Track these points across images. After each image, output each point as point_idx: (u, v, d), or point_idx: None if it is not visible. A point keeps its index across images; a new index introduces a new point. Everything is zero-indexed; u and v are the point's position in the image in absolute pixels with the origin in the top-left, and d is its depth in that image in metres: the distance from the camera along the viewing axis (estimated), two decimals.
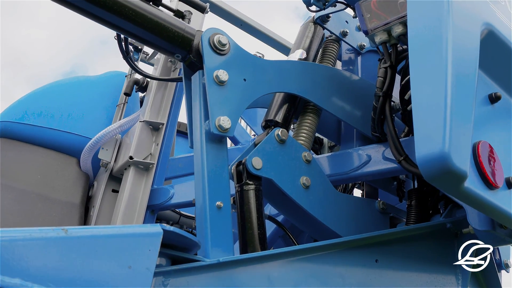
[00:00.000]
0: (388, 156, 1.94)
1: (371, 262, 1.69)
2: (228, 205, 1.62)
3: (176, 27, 1.78)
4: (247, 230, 1.64)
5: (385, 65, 1.86)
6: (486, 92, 1.56)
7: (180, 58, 1.84)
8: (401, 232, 1.84)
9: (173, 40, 1.77)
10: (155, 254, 1.19)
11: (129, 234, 1.21)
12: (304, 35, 2.26)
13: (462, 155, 1.25)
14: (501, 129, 1.58)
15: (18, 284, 0.97)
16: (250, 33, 4.06)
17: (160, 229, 1.23)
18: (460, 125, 1.28)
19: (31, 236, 1.05)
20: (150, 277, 1.16)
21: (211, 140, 1.68)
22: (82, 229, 1.20)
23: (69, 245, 1.09)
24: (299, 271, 1.54)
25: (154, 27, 1.74)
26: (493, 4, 1.63)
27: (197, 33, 1.82)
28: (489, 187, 1.36)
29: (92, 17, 1.70)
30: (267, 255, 1.50)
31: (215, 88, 1.69)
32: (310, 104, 2.07)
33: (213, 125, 1.63)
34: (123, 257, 1.14)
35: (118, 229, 1.25)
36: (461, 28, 1.40)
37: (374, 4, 1.85)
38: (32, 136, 3.09)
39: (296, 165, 1.81)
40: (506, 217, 1.45)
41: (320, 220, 1.81)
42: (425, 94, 1.32)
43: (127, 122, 3.01)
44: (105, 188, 2.96)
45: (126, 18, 1.68)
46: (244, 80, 1.77)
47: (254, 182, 1.70)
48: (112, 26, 1.73)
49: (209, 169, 1.63)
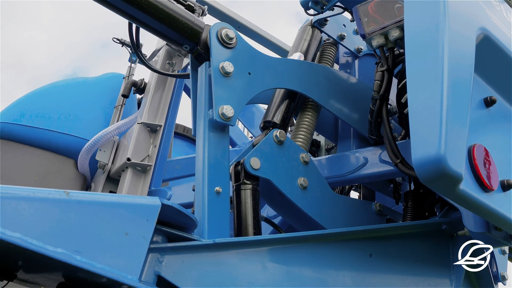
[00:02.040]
0: (384, 159, 1.96)
1: (365, 256, 1.71)
2: (227, 191, 1.65)
3: (186, 19, 1.84)
4: (243, 229, 1.65)
5: (382, 69, 1.88)
6: (482, 96, 1.58)
7: (188, 49, 1.89)
8: (396, 229, 1.86)
9: (182, 31, 1.82)
10: (152, 224, 1.24)
11: (129, 203, 1.25)
12: (302, 38, 2.28)
13: (458, 158, 1.27)
14: (496, 132, 1.60)
15: (18, 237, 1.00)
16: (248, 36, 4.07)
17: (158, 201, 1.27)
18: (456, 128, 1.30)
19: (34, 195, 1.09)
20: (146, 245, 1.20)
21: (214, 128, 1.71)
22: (83, 193, 1.26)
23: (70, 207, 1.13)
24: (293, 258, 1.56)
25: (165, 18, 1.79)
26: (488, 9, 1.65)
27: (206, 26, 1.87)
28: (484, 189, 1.38)
29: (107, 5, 1.75)
30: (262, 240, 1.54)
31: (220, 79, 1.73)
32: (309, 101, 2.10)
33: (216, 113, 1.67)
34: (121, 223, 1.18)
35: (118, 197, 1.31)
36: (457, 32, 1.42)
37: (371, 8, 1.87)
38: (29, 138, 3.09)
39: (294, 166, 1.83)
40: (501, 219, 1.47)
41: (317, 221, 1.82)
42: (421, 98, 1.34)
43: (125, 123, 3.02)
44: (103, 190, 2.96)
45: (139, 7, 1.74)
46: (249, 74, 1.81)
47: (251, 182, 1.72)
48: (125, 14, 1.79)
49: (210, 155, 1.66)
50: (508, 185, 1.46)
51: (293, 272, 1.54)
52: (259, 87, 1.84)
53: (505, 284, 2.19)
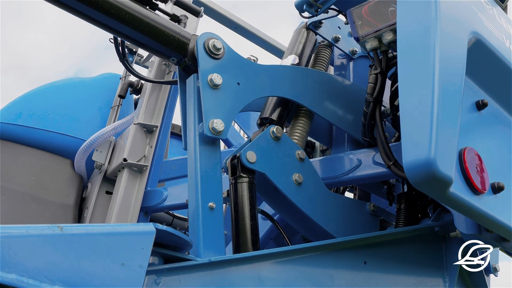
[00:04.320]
0: (378, 161, 1.97)
1: (359, 264, 1.72)
2: (221, 206, 1.66)
3: (172, 31, 1.82)
4: (240, 221, 1.68)
5: (376, 71, 1.89)
6: (473, 99, 1.59)
7: (175, 61, 1.87)
8: (389, 235, 1.87)
9: (168, 44, 1.81)
10: (148, 252, 1.23)
11: (123, 232, 1.25)
12: (296, 41, 2.29)
13: (448, 161, 1.29)
14: (488, 135, 1.61)
15: (14, 279, 1.00)
16: (245, 36, 4.09)
17: (153, 227, 1.26)
18: (446, 131, 1.31)
19: (28, 233, 1.09)
20: (142, 275, 1.20)
21: (205, 142, 1.71)
22: (76, 226, 1.23)
23: (64, 242, 1.12)
24: (289, 271, 1.57)
25: (150, 31, 1.77)
26: (481, 12, 1.66)
27: (193, 37, 1.85)
28: (474, 192, 1.39)
29: (91, 20, 1.73)
30: (257, 255, 1.54)
31: (209, 91, 1.72)
32: (302, 108, 2.10)
33: (207, 128, 1.66)
34: (116, 254, 1.17)
35: (111, 227, 1.29)
36: (449, 36, 1.44)
37: (365, 11, 1.88)
38: (26, 138, 3.10)
39: (290, 162, 1.85)
40: (491, 222, 1.48)
41: (310, 216, 1.84)
42: (412, 101, 1.36)
43: (121, 124, 3.02)
44: (99, 190, 2.97)
45: (123, 21, 1.72)
46: (238, 84, 1.80)
47: (248, 175, 1.74)
48: (110, 29, 1.77)
49: (202, 170, 1.67)
50: (498, 188, 1.48)
51: (290, 285, 1.55)
52: (249, 97, 1.84)
53: (496, 275, 2.20)
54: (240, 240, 1.66)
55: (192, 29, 3.05)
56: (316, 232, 1.94)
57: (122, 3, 1.72)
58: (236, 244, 1.67)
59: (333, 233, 1.88)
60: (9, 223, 2.59)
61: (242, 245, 1.65)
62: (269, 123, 1.96)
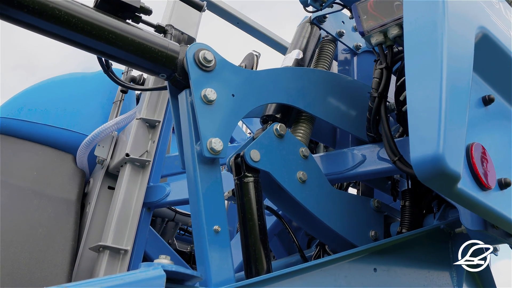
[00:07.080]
0: (382, 156, 1.96)
1: (369, 272, 1.71)
2: (226, 228, 1.61)
3: (159, 46, 1.71)
4: (248, 221, 1.66)
5: (381, 66, 1.88)
6: (480, 94, 1.58)
7: (165, 77, 1.77)
8: (396, 240, 1.86)
9: (157, 60, 1.71)
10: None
11: (133, 282, 1.24)
12: (300, 35, 2.28)
13: (456, 157, 1.28)
14: (494, 131, 1.61)
15: None
16: (247, 32, 4.07)
17: (162, 271, 1.26)
18: (454, 127, 1.30)
19: None
20: None
21: (204, 162, 1.64)
22: (85, 284, 1.23)
23: None
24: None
25: (136, 49, 1.67)
26: (488, 7, 1.65)
27: (181, 49, 1.76)
28: (481, 188, 1.39)
29: (71, 43, 1.63)
30: (266, 279, 1.50)
31: (203, 108, 1.64)
32: (303, 113, 2.08)
33: (205, 148, 1.60)
34: None
35: (121, 278, 1.27)
36: (456, 31, 1.42)
37: (370, 5, 1.87)
38: (28, 133, 3.08)
39: (294, 159, 1.83)
40: (498, 218, 1.47)
41: (315, 214, 1.83)
42: (420, 97, 1.35)
43: (124, 119, 3.01)
44: (101, 185, 2.96)
45: (107, 41, 1.62)
46: (232, 96, 1.73)
47: (252, 174, 1.72)
48: (92, 50, 1.66)
49: (204, 193, 1.61)
50: (505, 184, 1.47)
51: None
52: (245, 108, 1.78)
53: (496, 255, 2.19)
54: (249, 241, 1.64)
55: (195, 24, 3.02)
56: (321, 229, 1.93)
57: (104, 22, 1.62)
58: (245, 246, 1.66)
59: (337, 230, 1.87)
60: (11, 218, 2.59)
61: (251, 246, 1.64)
62: (272, 121, 1.94)
